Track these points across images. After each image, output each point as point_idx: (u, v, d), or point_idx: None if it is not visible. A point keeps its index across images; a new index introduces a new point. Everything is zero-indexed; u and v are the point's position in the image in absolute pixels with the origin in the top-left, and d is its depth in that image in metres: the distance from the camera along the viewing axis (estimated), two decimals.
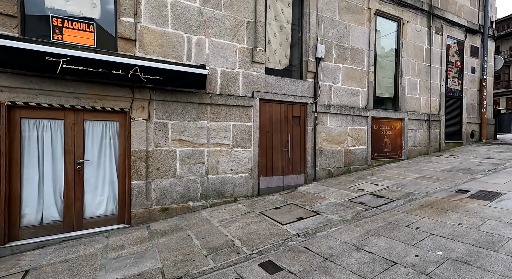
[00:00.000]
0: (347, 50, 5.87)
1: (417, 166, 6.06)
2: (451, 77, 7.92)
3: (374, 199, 4.08)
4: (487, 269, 2.05)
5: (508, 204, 3.31)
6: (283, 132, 5.10)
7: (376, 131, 6.46)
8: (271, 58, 5.06)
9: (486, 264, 2.12)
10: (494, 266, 2.08)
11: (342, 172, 5.85)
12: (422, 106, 7.28)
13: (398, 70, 6.79)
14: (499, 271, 2.01)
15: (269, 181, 4.94)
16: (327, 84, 5.62)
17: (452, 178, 4.79)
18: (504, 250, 2.30)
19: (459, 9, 7.93)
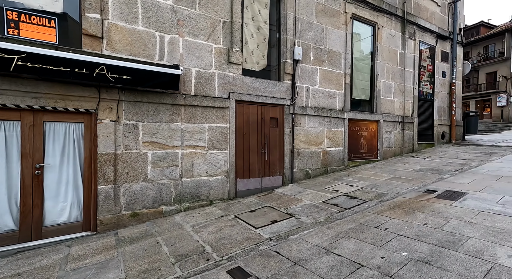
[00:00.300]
0: (324, 52, 5.95)
1: (391, 166, 6.25)
2: (423, 80, 8.26)
3: (348, 200, 4.15)
4: (446, 269, 2.11)
5: (470, 203, 3.46)
6: (261, 134, 5.07)
7: (353, 133, 6.60)
8: (248, 59, 5.01)
9: (446, 263, 2.19)
10: (453, 266, 2.15)
11: (319, 173, 5.92)
12: (397, 108, 7.53)
13: (373, 73, 6.98)
14: (457, 271, 2.08)
15: (246, 184, 4.89)
16: (305, 86, 5.66)
17: (422, 179, 4.97)
18: (463, 249, 2.39)
19: (430, 16, 8.29)
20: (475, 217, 3.04)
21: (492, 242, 2.46)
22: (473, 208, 3.32)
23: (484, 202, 3.47)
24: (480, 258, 2.23)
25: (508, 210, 3.14)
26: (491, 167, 5.31)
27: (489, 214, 3.09)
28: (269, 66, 5.45)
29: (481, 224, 2.84)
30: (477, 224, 2.87)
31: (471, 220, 2.96)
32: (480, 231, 2.69)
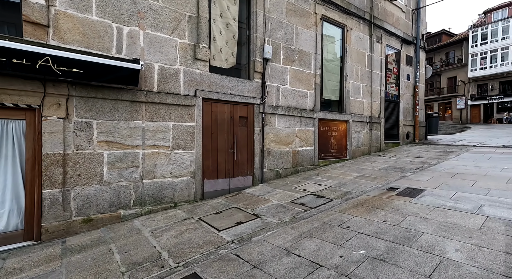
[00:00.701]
0: (295, 52, 5.96)
1: (359, 165, 6.43)
2: (389, 82, 8.64)
3: (315, 199, 4.16)
4: (399, 266, 2.14)
5: (427, 200, 3.62)
6: (229, 133, 4.95)
7: (323, 132, 6.70)
8: (216, 56, 4.86)
9: (400, 260, 2.22)
10: (406, 262, 2.19)
11: (290, 173, 5.92)
12: (365, 109, 7.79)
13: (343, 74, 7.15)
14: (409, 267, 2.12)
15: (213, 184, 4.74)
16: (275, 85, 5.63)
17: (386, 177, 5.15)
18: (416, 245, 2.45)
19: (396, 21, 8.69)
20: (430, 213, 3.17)
21: (442, 237, 2.55)
22: (429, 204, 3.46)
23: (439, 198, 3.64)
24: (431, 253, 2.29)
25: (459, 205, 3.31)
26: (447, 165, 5.65)
27: (442, 209, 3.23)
28: (239, 64, 5.35)
29: (434, 220, 2.96)
30: (431, 219, 2.98)
31: (426, 216, 3.08)
32: (433, 227, 2.79)
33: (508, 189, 3.78)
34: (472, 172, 4.88)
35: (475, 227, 2.71)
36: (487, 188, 3.89)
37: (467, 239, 2.47)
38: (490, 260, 2.11)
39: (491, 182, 4.19)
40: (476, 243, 2.40)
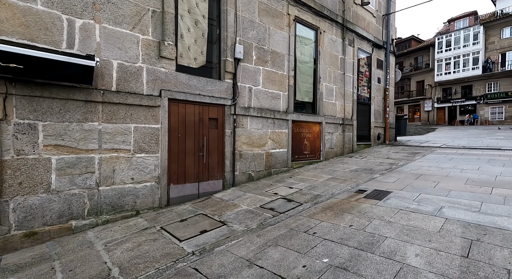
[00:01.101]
0: (268, 53, 5.87)
1: (331, 167, 6.49)
2: (361, 85, 8.86)
3: (285, 203, 4.08)
4: (360, 274, 2.09)
5: (392, 202, 3.67)
6: (198, 135, 4.73)
7: (297, 134, 6.69)
8: (184, 54, 4.63)
9: (362, 268, 2.18)
10: (368, 270, 2.14)
11: (263, 176, 5.82)
12: (338, 111, 7.91)
13: (316, 76, 7.19)
14: (370, 275, 2.07)
15: (181, 189, 4.50)
16: (247, 86, 5.50)
17: (356, 179, 5.21)
18: (379, 250, 2.43)
19: (367, 25, 8.93)
20: (394, 216, 3.20)
21: (404, 242, 2.56)
22: (394, 207, 3.51)
23: (404, 200, 3.71)
24: (392, 259, 2.27)
25: (421, 208, 3.38)
26: (413, 166, 5.85)
27: (406, 212, 3.28)
28: (210, 63, 5.15)
29: (398, 223, 2.98)
30: (394, 223, 3.00)
31: (390, 219, 3.10)
32: (396, 231, 2.80)
33: (466, 190, 3.94)
34: (435, 173, 5.08)
35: (435, 230, 2.75)
36: (447, 189, 4.04)
37: (427, 243, 2.50)
38: (447, 265, 2.13)
39: (451, 183, 4.37)
40: (435, 247, 2.42)
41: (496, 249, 2.30)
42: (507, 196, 3.55)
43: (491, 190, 3.86)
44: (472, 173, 4.92)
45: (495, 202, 3.40)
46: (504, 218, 2.92)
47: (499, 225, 2.75)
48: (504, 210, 3.13)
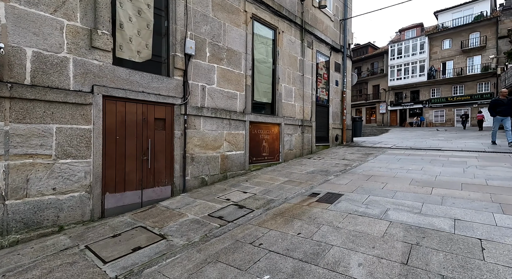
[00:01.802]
0: (223, 50, 5.57)
1: (289, 169, 6.43)
2: (320, 87, 9.03)
3: (236, 210, 3.83)
4: None
5: (342, 206, 3.64)
6: (142, 137, 4.25)
7: (255, 136, 6.50)
8: (124, 46, 4.11)
9: None
10: None
11: (218, 180, 5.51)
12: (297, 112, 7.92)
13: (275, 77, 7.09)
14: None
15: (119, 199, 3.98)
16: (200, 85, 5.14)
17: (311, 181, 5.18)
18: (323, 261, 2.30)
19: (325, 29, 9.13)
20: (343, 220, 3.14)
21: (349, 249, 2.47)
22: (343, 210, 3.47)
23: (353, 203, 3.71)
24: (335, 271, 2.14)
25: (369, 211, 3.38)
26: (365, 167, 6.04)
27: (354, 216, 3.25)
28: (158, 58, 4.69)
29: (345, 229, 2.91)
30: (342, 228, 2.93)
31: (338, 225, 3.02)
32: (342, 237, 2.72)
33: (410, 191, 4.09)
34: (384, 174, 5.27)
35: (379, 235, 2.72)
36: (393, 191, 4.16)
37: (371, 250, 2.43)
38: (387, 274, 2.05)
39: (398, 184, 4.53)
40: (378, 254, 2.36)
41: (433, 253, 2.31)
42: (444, 196, 3.74)
43: (431, 190, 4.05)
44: (416, 173, 5.19)
45: (433, 202, 3.54)
46: (440, 219, 3.01)
47: (436, 227, 2.82)
48: (441, 210, 3.25)
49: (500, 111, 8.07)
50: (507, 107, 8.00)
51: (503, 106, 8.03)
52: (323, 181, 5.06)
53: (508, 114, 8.02)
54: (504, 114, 8.05)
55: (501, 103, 8.07)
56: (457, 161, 6.16)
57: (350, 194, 4.14)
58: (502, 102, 8.08)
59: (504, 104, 8.03)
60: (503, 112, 8.05)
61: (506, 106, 8.01)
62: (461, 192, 3.88)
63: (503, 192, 3.77)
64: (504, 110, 8.02)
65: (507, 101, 8.05)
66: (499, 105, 8.08)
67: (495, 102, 8.22)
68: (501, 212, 3.08)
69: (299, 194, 4.37)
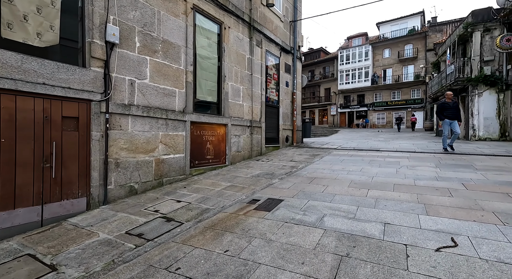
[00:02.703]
0: (157, 41, 4.95)
1: (235, 172, 6.08)
2: (270, 87, 8.90)
3: (162, 225, 3.31)
4: None
5: (280, 213, 3.40)
6: (43, 140, 3.44)
7: (197, 137, 5.99)
8: (16, 25, 3.26)
9: None
10: None
11: (151, 187, 4.87)
12: (245, 113, 7.63)
13: (221, 75, 6.67)
14: None
15: (6, 219, 3.13)
16: (128, 79, 4.45)
17: (255, 185, 4.91)
18: None
19: (275, 29, 9.05)
20: (277, 231, 2.88)
21: (277, 268, 2.19)
22: (280, 219, 3.23)
23: (292, 210, 3.51)
24: None
25: (305, 218, 3.20)
26: (310, 169, 6.02)
27: (290, 225, 3.03)
28: (74, 43, 3.88)
29: (278, 241, 2.65)
30: (275, 241, 2.66)
31: (271, 237, 2.75)
32: (273, 253, 2.44)
33: (348, 194, 4.08)
34: (327, 176, 5.27)
35: (311, 247, 2.52)
36: (333, 194, 4.10)
37: (299, 267, 2.19)
38: None
39: (338, 186, 4.52)
40: (306, 271, 2.13)
41: (361, 265, 2.17)
42: (378, 198, 3.78)
43: (367, 192, 4.09)
44: (355, 174, 5.30)
45: (368, 205, 3.53)
46: (372, 224, 2.96)
47: (367, 233, 2.74)
48: (374, 214, 3.23)
49: (448, 115, 7.75)
50: (454, 110, 7.69)
51: (450, 109, 7.71)
52: (266, 185, 4.83)
53: (455, 118, 7.68)
54: (452, 117, 7.71)
55: (448, 107, 7.75)
56: (392, 161, 6.55)
57: (291, 199, 3.96)
58: (449, 105, 7.76)
59: (450, 108, 7.72)
60: (450, 115, 7.71)
61: (453, 109, 7.69)
62: (393, 194, 3.98)
63: (427, 192, 3.97)
64: (451, 114, 7.69)
65: (452, 104, 7.76)
66: (446, 108, 7.77)
67: (442, 105, 7.89)
68: (425, 214, 3.17)
69: (239, 201, 4.04)
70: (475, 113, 11.95)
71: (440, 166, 5.84)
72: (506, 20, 11.26)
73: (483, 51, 11.86)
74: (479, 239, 2.51)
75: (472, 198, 3.64)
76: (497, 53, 11.54)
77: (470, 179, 4.62)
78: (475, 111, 11.93)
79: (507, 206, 3.29)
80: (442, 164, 6.06)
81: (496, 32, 11.60)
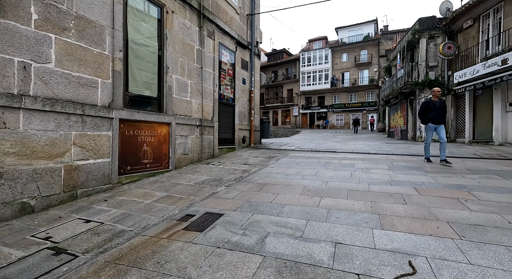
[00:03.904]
0: (69, 16, 3.90)
1: (177, 179, 5.24)
2: (224, 84, 8.18)
3: (45, 261, 2.38)
4: None
5: (215, 234, 2.71)
6: None
7: (130, 138, 5.01)
8: None
9: None
10: None
11: (58, 202, 3.80)
12: (195, 111, 6.80)
13: (162, 66, 5.76)
14: None
15: None
16: (18, 60, 3.35)
17: (196, 195, 4.15)
18: None
19: (230, 21, 8.35)
20: (203, 263, 2.18)
21: None
22: (213, 242, 2.54)
23: (230, 228, 2.84)
24: None
25: (244, 240, 2.56)
26: (263, 174, 5.45)
27: (222, 252, 2.35)
28: None
29: None
30: None
31: (192, 274, 2.04)
32: None
33: (299, 203, 3.56)
34: (279, 182, 4.74)
35: None
36: (282, 204, 3.55)
37: None
38: None
39: (289, 194, 3.99)
40: None
41: None
42: (330, 209, 3.32)
43: (319, 201, 3.63)
44: (309, 179, 4.87)
45: (319, 218, 3.03)
46: (321, 244, 2.44)
47: (314, 259, 2.19)
48: (324, 230, 2.73)
49: (432, 117, 5.97)
50: (440, 112, 5.95)
51: (436, 110, 5.95)
52: (208, 195, 4.11)
53: (441, 121, 5.97)
54: (437, 120, 5.94)
55: (433, 107, 5.98)
56: (347, 164, 6.32)
57: (232, 213, 3.29)
58: (434, 105, 5.98)
59: (436, 108, 5.95)
60: (435, 118, 5.94)
61: (439, 110, 5.94)
62: (346, 202, 3.57)
63: (381, 199, 3.64)
64: (437, 116, 5.93)
65: (440, 104, 5.99)
66: (431, 109, 5.99)
67: (426, 105, 6.09)
68: (379, 227, 2.76)
69: (168, 218, 3.25)
70: None
71: (393, 168, 5.73)
72: (447, 28, 12.17)
73: (429, 57, 12.69)
74: (438, 261, 2.12)
75: (426, 205, 3.38)
76: (440, 59, 12.43)
77: (422, 182, 4.47)
78: None
79: (460, 214, 3.05)
80: (394, 166, 5.97)
81: (439, 40, 12.49)
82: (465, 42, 11.39)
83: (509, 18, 9.10)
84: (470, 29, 11.06)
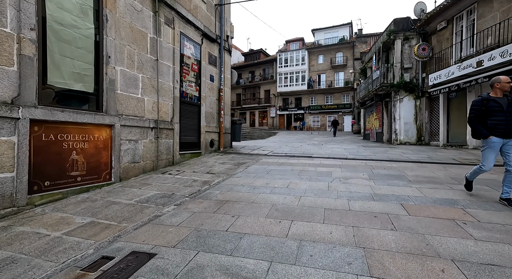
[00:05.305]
0: None
1: (116, 195, 4.16)
2: (187, 80, 7.17)
3: None
4: None
5: None
6: None
7: (50, 145, 3.86)
8: None
9: None
10: None
11: None
12: (148, 110, 5.72)
13: (101, 54, 4.65)
14: None
15: None
16: None
17: (130, 220, 3.14)
18: None
19: (195, 9, 7.37)
20: None
21: None
22: None
23: None
24: None
25: None
26: (226, 186, 4.55)
27: None
28: None
29: None
30: None
31: None
32: None
33: (262, 232, 2.70)
34: (243, 198, 3.87)
35: None
36: (241, 234, 2.67)
37: None
38: None
39: (252, 217, 3.12)
40: None
41: None
42: (302, 240, 2.50)
43: (289, 227, 2.80)
44: (280, 193, 4.05)
45: (286, 258, 2.19)
46: None
47: None
48: None
49: (496, 126, 3.41)
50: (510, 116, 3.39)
51: (502, 113, 3.41)
52: (148, 220, 3.13)
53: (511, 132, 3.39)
54: (506, 131, 3.38)
55: (497, 108, 3.43)
56: (323, 172, 5.60)
57: (169, 251, 2.35)
58: (499, 105, 3.43)
59: (502, 110, 3.41)
60: (503, 127, 3.38)
61: (508, 113, 3.39)
62: (323, 228, 2.78)
63: (365, 222, 2.90)
64: (506, 123, 3.37)
65: (509, 103, 3.43)
66: (493, 111, 3.45)
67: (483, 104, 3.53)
68: (367, 273, 1.97)
69: (71, 264, 2.24)
70: (397, 118, 12.55)
71: (374, 177, 5.10)
72: (421, 30, 12.12)
73: (403, 59, 12.58)
74: None
75: (419, 231, 2.68)
76: (415, 61, 12.35)
77: (408, 197, 3.82)
78: (397, 116, 12.54)
79: (464, 246, 2.37)
80: (375, 174, 5.36)
81: (414, 41, 12.42)
82: (439, 44, 11.36)
83: (483, 20, 9.05)
84: (444, 30, 11.03)
